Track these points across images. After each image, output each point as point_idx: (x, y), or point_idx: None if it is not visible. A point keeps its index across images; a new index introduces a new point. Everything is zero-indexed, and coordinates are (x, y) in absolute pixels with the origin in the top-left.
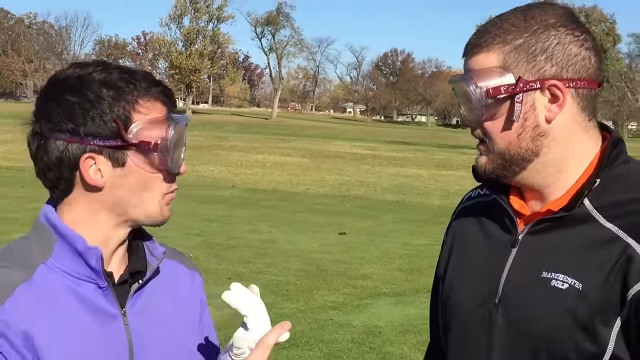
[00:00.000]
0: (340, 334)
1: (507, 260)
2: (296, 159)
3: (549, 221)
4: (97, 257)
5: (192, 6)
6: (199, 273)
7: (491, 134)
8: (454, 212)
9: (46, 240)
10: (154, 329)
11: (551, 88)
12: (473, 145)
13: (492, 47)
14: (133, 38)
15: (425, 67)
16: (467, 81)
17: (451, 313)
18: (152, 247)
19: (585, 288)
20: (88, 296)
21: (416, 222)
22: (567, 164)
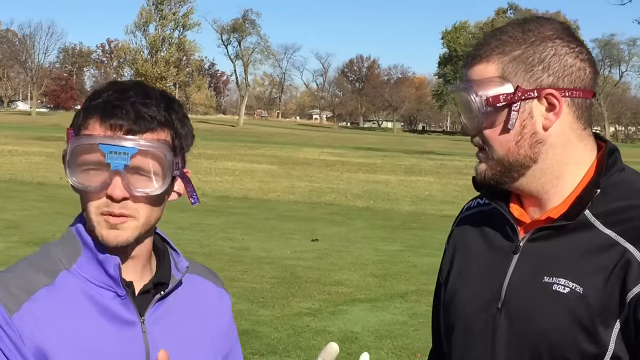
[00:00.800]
0: (317, 340)
1: (509, 266)
2: (265, 166)
3: (550, 229)
4: (114, 265)
5: (157, 14)
6: (227, 293)
7: (490, 142)
8: (454, 221)
9: (73, 248)
10: (172, 339)
11: (548, 97)
12: (440, 151)
13: (492, 58)
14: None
15: (391, 73)
16: (467, 90)
17: (454, 317)
18: (177, 260)
19: (585, 292)
20: (106, 303)
21: (387, 228)
22: (564, 171)
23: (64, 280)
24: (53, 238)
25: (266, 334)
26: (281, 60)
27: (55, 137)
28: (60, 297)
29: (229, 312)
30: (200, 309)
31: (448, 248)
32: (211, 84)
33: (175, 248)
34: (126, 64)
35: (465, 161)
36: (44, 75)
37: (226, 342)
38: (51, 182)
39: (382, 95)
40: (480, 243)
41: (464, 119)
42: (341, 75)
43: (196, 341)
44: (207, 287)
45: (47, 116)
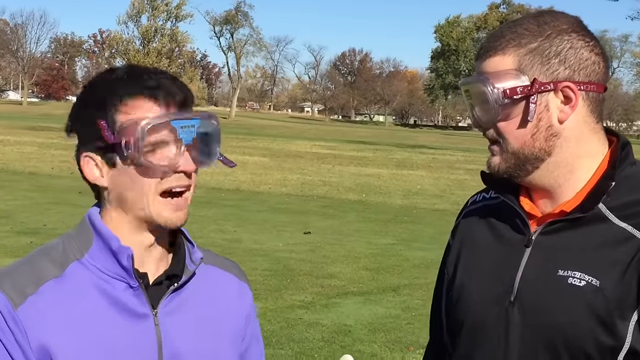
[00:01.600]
0: (310, 332)
1: (522, 259)
2: (257, 159)
3: (563, 222)
4: (128, 256)
5: (150, 4)
6: (249, 287)
7: (505, 134)
8: (458, 215)
9: (86, 238)
10: (185, 332)
11: (564, 90)
12: (432, 145)
13: (508, 50)
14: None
15: (383, 67)
16: (484, 82)
17: (463, 312)
18: (192, 251)
19: (602, 285)
20: (118, 295)
21: (379, 221)
22: (577, 164)
23: (74, 271)
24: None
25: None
26: (273, 53)
27: (47, 126)
28: (69, 289)
29: (250, 307)
30: (218, 301)
31: (454, 243)
32: (203, 76)
33: (191, 239)
34: (118, 55)
35: (457, 155)
36: (36, 65)
37: (246, 335)
38: (43, 172)
39: (374, 89)
40: (489, 237)
41: (478, 112)
42: (333, 68)
43: (212, 334)
44: (226, 279)
45: (39, 106)
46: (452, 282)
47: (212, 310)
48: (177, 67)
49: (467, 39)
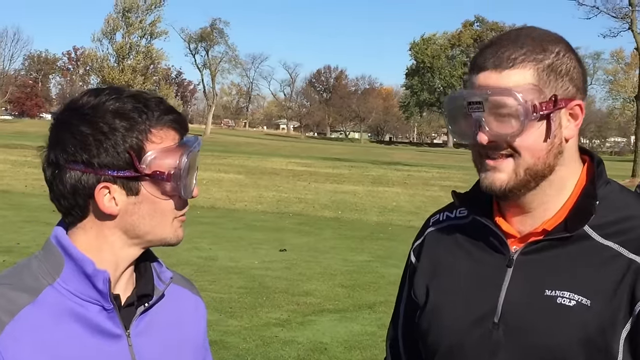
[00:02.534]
0: (286, 350)
1: (504, 280)
2: (233, 176)
3: (545, 241)
4: (104, 279)
5: (124, 21)
6: (202, 300)
7: (521, 149)
8: (418, 235)
9: (55, 261)
10: (156, 351)
11: (575, 108)
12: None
13: (527, 65)
14: (64, 53)
15: (358, 84)
16: (513, 94)
17: (438, 336)
18: (160, 270)
19: (593, 304)
20: (92, 318)
21: (355, 238)
22: (564, 182)
23: (47, 296)
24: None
25: (235, 344)
26: (249, 70)
27: (20, 144)
28: (44, 315)
29: (204, 320)
30: (180, 318)
31: (419, 265)
32: (178, 93)
33: (158, 258)
34: (93, 72)
35: (432, 172)
36: (9, 82)
37: (203, 350)
38: (16, 190)
39: (349, 106)
40: (461, 258)
41: (496, 126)
42: (309, 85)
43: (179, 350)
44: (184, 295)
45: (12, 123)
46: (423, 306)
47: (176, 327)
48: (152, 85)
49: (441, 57)
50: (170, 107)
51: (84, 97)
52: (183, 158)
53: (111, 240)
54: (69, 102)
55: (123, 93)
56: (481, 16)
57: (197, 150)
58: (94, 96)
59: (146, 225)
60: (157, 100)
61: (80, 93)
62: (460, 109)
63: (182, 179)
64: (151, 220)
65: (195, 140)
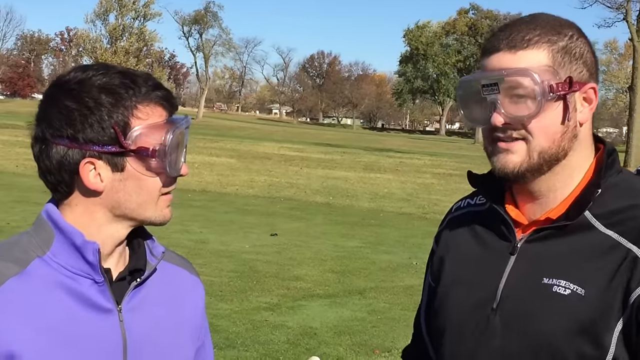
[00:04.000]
0: (276, 335)
1: (506, 267)
2: (225, 160)
3: (549, 229)
4: (94, 250)
5: (117, 3)
6: (200, 281)
7: (535, 132)
8: (441, 222)
9: (46, 235)
10: (149, 327)
11: (589, 91)
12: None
13: (542, 46)
14: (57, 34)
15: (352, 70)
16: (530, 74)
17: (444, 319)
18: (152, 246)
19: (587, 293)
20: (83, 291)
21: (346, 224)
22: (577, 169)
23: (37, 268)
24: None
25: (225, 327)
26: (242, 54)
27: (12, 124)
28: (32, 286)
29: (203, 301)
30: (176, 297)
31: (437, 250)
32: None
33: (150, 234)
34: (85, 53)
35: (424, 159)
36: (1, 62)
37: (201, 330)
38: (7, 170)
39: (342, 92)
40: (473, 244)
41: (511, 107)
42: (302, 70)
43: (174, 329)
44: (181, 275)
45: (4, 103)
46: (435, 288)
47: (171, 306)
48: (144, 67)
49: (435, 44)
50: (159, 83)
51: (72, 73)
52: (169, 134)
53: (97, 217)
54: (57, 77)
55: (111, 69)
56: (476, 4)
57: (183, 127)
58: (81, 72)
59: (132, 203)
60: (145, 76)
61: (69, 69)
62: (474, 93)
63: (168, 155)
64: (137, 198)
65: (184, 119)
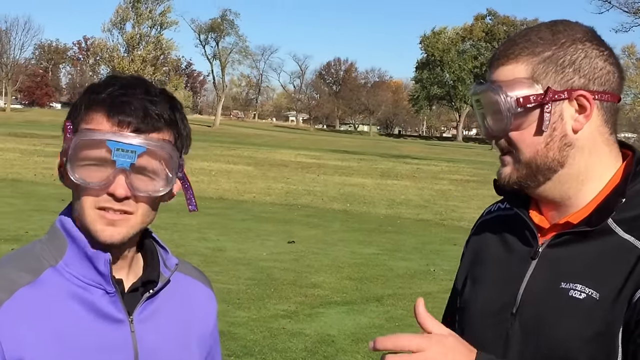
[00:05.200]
0: (293, 342)
1: (527, 271)
2: (242, 167)
3: (569, 234)
4: (105, 261)
5: (134, 12)
6: (214, 294)
7: (518, 144)
8: (473, 226)
9: (59, 243)
10: (160, 338)
11: (579, 98)
12: (416, 156)
13: (521, 58)
14: (74, 43)
15: (368, 77)
16: (495, 90)
17: (466, 323)
18: (166, 257)
19: (602, 297)
20: (94, 301)
21: (363, 231)
22: (589, 176)
23: (49, 277)
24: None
25: (242, 335)
26: (258, 62)
27: (30, 133)
28: (44, 295)
29: (215, 313)
30: (188, 309)
31: (466, 253)
32: (188, 84)
33: (164, 246)
34: (103, 62)
35: (441, 166)
36: (19, 71)
37: (210, 342)
38: (25, 178)
39: (358, 99)
40: (499, 248)
41: (490, 121)
42: (318, 77)
43: (184, 341)
44: (195, 287)
45: (22, 112)
46: (461, 292)
47: (183, 317)
48: (161, 75)
49: (452, 50)
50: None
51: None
52: (73, 141)
53: None
54: None
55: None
56: (493, 9)
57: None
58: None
59: (75, 207)
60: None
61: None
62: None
63: (69, 162)
64: (75, 202)
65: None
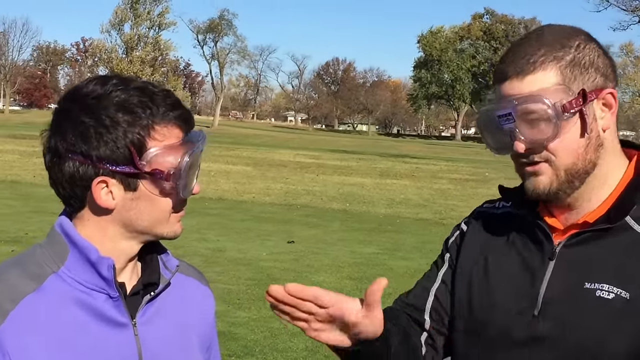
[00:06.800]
0: (294, 342)
1: (546, 272)
2: (241, 168)
3: (587, 233)
4: (108, 266)
5: (132, 13)
6: (211, 291)
7: (558, 151)
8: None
9: (60, 248)
10: (162, 340)
11: (607, 97)
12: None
13: (548, 65)
14: (72, 44)
15: (366, 77)
16: (540, 100)
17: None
18: (166, 259)
19: (633, 296)
20: (98, 306)
21: (363, 230)
22: (609, 175)
23: (52, 285)
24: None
25: (243, 335)
26: (257, 62)
27: (29, 135)
28: (48, 303)
29: (212, 311)
30: (186, 308)
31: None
32: (186, 85)
33: (164, 247)
34: (101, 63)
35: (440, 165)
36: (18, 73)
37: (210, 341)
38: (24, 180)
39: (357, 98)
40: (510, 248)
41: (530, 133)
42: (317, 77)
43: (186, 341)
44: (191, 285)
45: (21, 114)
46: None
47: (183, 317)
48: (160, 76)
49: (450, 49)
50: (177, 101)
51: (90, 85)
52: (185, 157)
53: (109, 233)
54: (74, 88)
55: (130, 84)
56: (491, 9)
57: (200, 150)
58: (100, 85)
59: (144, 221)
60: (164, 94)
61: (87, 80)
62: (493, 122)
63: (182, 179)
64: (149, 217)
65: (199, 138)
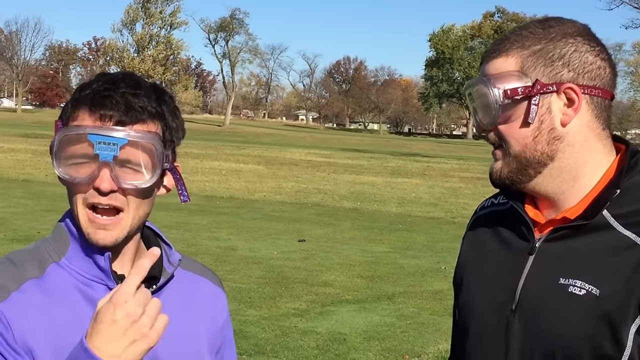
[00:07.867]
0: (305, 341)
1: (525, 267)
2: (252, 166)
3: (566, 229)
4: (105, 257)
5: (144, 12)
6: (224, 292)
7: (506, 137)
8: (468, 223)
9: (62, 241)
10: (164, 335)
11: (567, 91)
12: (426, 153)
13: (511, 52)
14: (84, 43)
15: (378, 75)
16: (485, 82)
17: (467, 319)
18: (169, 253)
19: (602, 293)
20: (97, 297)
21: (374, 229)
22: (581, 171)
23: (53, 272)
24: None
25: (254, 334)
26: (268, 61)
27: (41, 134)
28: (50, 289)
29: (225, 311)
30: (193, 305)
31: (462, 251)
32: (198, 83)
33: (168, 241)
34: (113, 62)
35: (451, 163)
36: (30, 72)
37: (220, 338)
38: (37, 179)
39: (368, 97)
40: (495, 243)
41: (480, 114)
42: (328, 76)
43: (190, 338)
44: (201, 283)
45: (33, 113)
46: (459, 287)
47: (189, 314)
48: (171, 75)
49: (461, 48)
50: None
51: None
52: (57, 136)
53: None
54: None
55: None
56: (502, 7)
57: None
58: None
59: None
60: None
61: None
62: None
63: (56, 158)
64: (70, 203)
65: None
